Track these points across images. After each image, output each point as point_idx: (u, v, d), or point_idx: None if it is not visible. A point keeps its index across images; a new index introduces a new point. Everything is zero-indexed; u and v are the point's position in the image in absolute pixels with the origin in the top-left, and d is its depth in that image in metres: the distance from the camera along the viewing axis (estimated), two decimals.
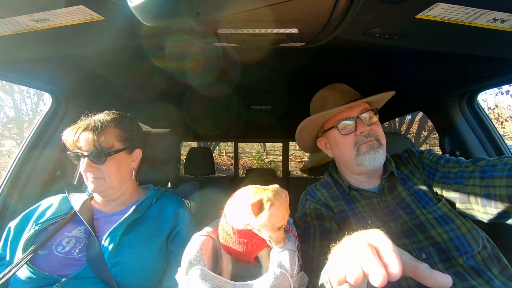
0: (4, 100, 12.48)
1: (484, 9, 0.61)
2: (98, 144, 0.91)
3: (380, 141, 0.94)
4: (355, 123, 0.94)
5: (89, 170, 0.91)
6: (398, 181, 0.97)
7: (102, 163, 0.92)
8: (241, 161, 11.24)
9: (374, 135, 0.94)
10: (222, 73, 1.18)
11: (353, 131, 0.95)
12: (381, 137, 0.95)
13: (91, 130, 0.92)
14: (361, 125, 0.94)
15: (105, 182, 0.94)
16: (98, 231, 0.91)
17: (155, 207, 1.02)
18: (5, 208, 1.15)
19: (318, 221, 0.95)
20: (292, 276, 0.65)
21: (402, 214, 0.89)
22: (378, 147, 0.93)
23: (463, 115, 1.39)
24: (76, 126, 0.95)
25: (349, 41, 0.80)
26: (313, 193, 1.06)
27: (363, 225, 0.90)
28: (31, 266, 0.80)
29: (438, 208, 0.87)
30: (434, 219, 0.85)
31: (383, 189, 0.97)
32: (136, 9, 0.52)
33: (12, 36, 0.75)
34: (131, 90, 1.43)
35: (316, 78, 1.29)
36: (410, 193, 0.93)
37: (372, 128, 0.95)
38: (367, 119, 0.95)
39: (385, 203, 0.93)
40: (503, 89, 7.09)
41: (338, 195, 1.00)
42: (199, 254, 0.70)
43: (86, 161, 0.91)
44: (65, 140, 0.94)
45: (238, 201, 0.72)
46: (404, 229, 0.86)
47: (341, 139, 0.98)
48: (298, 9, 0.57)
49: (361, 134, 0.94)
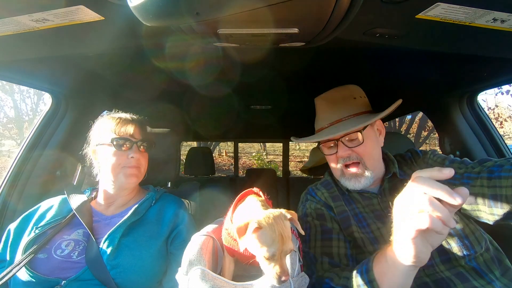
0: (4, 100, 12.50)
1: (484, 9, 0.61)
2: (145, 135, 1.03)
3: (364, 164, 0.91)
4: (336, 145, 0.94)
5: (137, 157, 0.98)
6: (400, 182, 0.95)
7: (150, 151, 1.05)
8: (241, 161, 11.24)
9: (358, 157, 0.91)
10: (222, 73, 1.18)
11: (335, 152, 0.95)
12: (367, 158, 0.91)
13: (137, 122, 1.03)
14: (341, 148, 0.92)
15: (140, 171, 1.01)
16: (98, 233, 0.91)
17: (154, 209, 1.02)
18: (5, 208, 1.15)
19: (319, 221, 0.95)
20: (293, 277, 0.65)
21: None
22: (362, 174, 0.91)
23: (463, 115, 1.39)
24: (117, 115, 1.03)
25: (349, 41, 0.80)
26: (313, 193, 1.05)
27: (363, 225, 0.90)
28: (30, 270, 0.80)
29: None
30: None
31: (384, 190, 0.96)
32: (136, 9, 0.52)
33: (12, 36, 0.75)
34: (131, 90, 1.43)
35: (316, 78, 1.29)
36: None
37: (356, 150, 0.91)
38: (351, 142, 0.92)
39: (386, 204, 0.92)
40: (503, 89, 7.10)
41: (339, 195, 1.00)
42: (200, 254, 0.70)
43: (135, 148, 0.98)
44: (110, 129, 0.97)
45: (246, 212, 0.71)
46: None
47: (327, 156, 0.99)
48: (298, 9, 0.57)
49: (340, 157, 0.93)
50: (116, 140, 0.95)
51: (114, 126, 0.98)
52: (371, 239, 0.86)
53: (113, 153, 0.95)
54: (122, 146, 0.96)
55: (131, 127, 0.99)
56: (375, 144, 0.96)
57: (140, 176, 1.01)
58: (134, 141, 0.98)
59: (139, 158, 0.99)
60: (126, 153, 0.96)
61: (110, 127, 0.98)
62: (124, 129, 0.97)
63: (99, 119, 1.05)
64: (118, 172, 0.95)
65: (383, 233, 0.86)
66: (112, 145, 0.95)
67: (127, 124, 0.99)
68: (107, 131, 0.97)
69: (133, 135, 0.99)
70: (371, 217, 0.91)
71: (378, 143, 0.98)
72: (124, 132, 0.97)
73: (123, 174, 0.96)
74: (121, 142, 0.95)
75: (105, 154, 0.96)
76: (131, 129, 0.98)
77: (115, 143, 0.95)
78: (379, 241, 0.85)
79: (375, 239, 0.86)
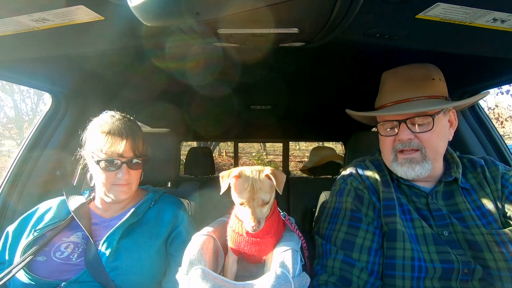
0: (4, 100, 12.49)
1: (484, 9, 0.61)
2: (137, 150, 0.95)
3: (424, 153, 0.82)
4: (399, 127, 0.83)
5: (126, 178, 0.92)
6: (460, 190, 0.85)
7: (140, 168, 0.97)
8: (241, 161, 11.23)
9: (419, 145, 0.82)
10: (222, 73, 1.18)
11: (395, 134, 0.84)
12: (430, 148, 0.82)
13: (130, 135, 0.93)
14: (403, 131, 0.82)
15: (131, 188, 0.96)
16: (97, 235, 0.91)
17: (153, 210, 1.01)
18: (5, 208, 1.15)
19: (354, 204, 0.86)
20: (294, 277, 0.65)
21: (454, 224, 0.79)
22: (419, 161, 0.82)
23: (463, 115, 1.39)
24: (107, 129, 0.92)
25: (349, 41, 0.80)
26: (361, 171, 0.94)
27: (407, 219, 0.83)
28: (29, 273, 0.80)
29: (505, 233, 0.75)
30: (494, 242, 0.74)
31: (437, 192, 0.86)
32: (136, 9, 0.52)
33: (12, 36, 0.75)
34: (131, 90, 1.43)
35: (316, 78, 1.29)
36: (471, 208, 0.81)
37: (420, 136, 0.81)
38: (415, 126, 0.82)
39: (435, 206, 0.83)
40: (503, 89, 7.09)
41: (389, 181, 0.89)
42: (200, 253, 0.70)
43: (124, 169, 0.91)
44: (99, 147, 0.89)
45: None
46: (452, 239, 0.78)
47: (381, 137, 0.90)
48: (298, 9, 0.57)
49: (399, 142, 0.84)
50: (104, 162, 0.89)
51: (102, 145, 0.89)
52: (410, 236, 0.79)
53: (101, 172, 0.90)
54: (110, 167, 0.90)
55: (121, 145, 0.90)
56: (443, 135, 0.84)
57: (130, 192, 0.97)
58: (123, 161, 0.91)
59: (128, 178, 0.93)
60: (114, 173, 0.91)
61: (99, 144, 0.90)
62: (113, 149, 0.90)
63: (91, 123, 0.98)
64: (109, 188, 0.92)
65: (426, 233, 0.79)
66: (99, 166, 0.90)
67: (116, 142, 0.90)
68: (96, 148, 0.91)
69: (122, 154, 0.90)
70: (416, 213, 0.83)
71: (446, 135, 0.86)
72: (112, 152, 0.89)
73: (113, 191, 0.93)
74: (109, 164, 0.89)
75: (95, 169, 0.93)
76: (121, 148, 0.90)
77: (102, 165, 0.89)
78: (419, 241, 0.78)
79: (415, 237, 0.79)
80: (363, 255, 0.79)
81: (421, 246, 0.78)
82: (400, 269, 0.76)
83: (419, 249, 0.77)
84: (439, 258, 0.76)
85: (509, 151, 1.32)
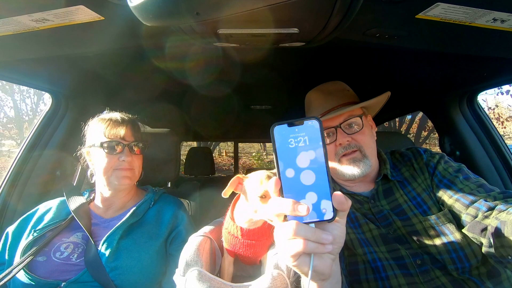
0: (4, 100, 12.46)
1: (484, 9, 0.61)
2: (137, 136, 1.00)
3: (364, 152, 0.90)
4: (335, 133, 0.91)
5: (128, 160, 0.95)
6: (396, 184, 0.92)
7: (144, 151, 1.03)
8: (241, 161, 11.23)
9: (357, 145, 0.90)
10: (222, 73, 1.18)
11: (334, 141, 0.91)
12: (366, 146, 0.90)
13: (129, 122, 1.00)
14: (341, 135, 0.90)
15: (134, 173, 0.99)
16: (97, 236, 0.91)
17: (153, 210, 1.02)
18: (5, 208, 1.15)
19: None
20: (289, 277, 0.65)
21: (395, 220, 0.85)
22: (361, 159, 0.89)
23: (463, 115, 1.39)
24: (108, 117, 0.99)
25: (349, 41, 0.80)
26: None
27: (355, 226, 0.88)
28: (29, 274, 0.80)
29: (438, 217, 0.82)
30: (431, 227, 0.81)
31: (377, 193, 0.92)
32: (136, 9, 0.52)
33: (12, 36, 0.75)
34: (131, 90, 1.43)
35: (316, 78, 1.29)
36: (408, 199, 0.89)
37: (355, 137, 0.90)
38: (349, 128, 0.91)
39: (378, 208, 0.89)
40: (503, 89, 7.09)
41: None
42: (196, 255, 0.71)
43: (127, 151, 0.96)
44: (101, 131, 0.95)
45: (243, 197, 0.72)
46: (397, 235, 0.83)
47: None
48: (298, 9, 0.57)
49: (340, 146, 0.90)
50: (106, 143, 0.93)
51: (104, 128, 0.95)
52: (362, 241, 0.84)
53: (104, 156, 0.93)
54: (113, 150, 0.94)
55: (122, 129, 0.96)
56: (372, 135, 0.95)
57: (134, 177, 0.99)
58: (125, 143, 0.96)
59: (131, 161, 0.97)
60: (117, 156, 0.94)
61: (100, 129, 0.95)
62: (115, 132, 0.95)
63: (91, 120, 1.03)
64: (110, 174, 0.94)
65: (374, 235, 0.84)
66: (102, 148, 0.93)
67: (117, 126, 0.96)
68: (98, 134, 0.95)
69: (124, 138, 0.96)
70: (363, 219, 0.88)
71: (373, 135, 0.97)
72: (114, 134, 0.95)
73: (115, 176, 0.94)
74: (112, 145, 0.94)
75: (97, 157, 0.95)
76: (122, 131, 0.96)
77: (105, 146, 0.93)
78: (371, 243, 0.83)
79: (367, 241, 0.84)
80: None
81: (374, 247, 0.81)
82: (363, 273, 0.79)
83: (373, 250, 0.81)
84: (391, 256, 0.80)
85: (509, 151, 1.31)
